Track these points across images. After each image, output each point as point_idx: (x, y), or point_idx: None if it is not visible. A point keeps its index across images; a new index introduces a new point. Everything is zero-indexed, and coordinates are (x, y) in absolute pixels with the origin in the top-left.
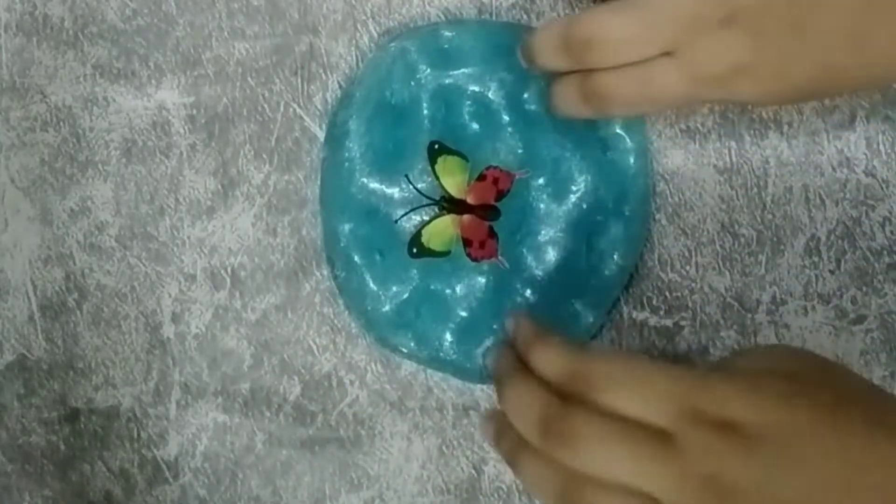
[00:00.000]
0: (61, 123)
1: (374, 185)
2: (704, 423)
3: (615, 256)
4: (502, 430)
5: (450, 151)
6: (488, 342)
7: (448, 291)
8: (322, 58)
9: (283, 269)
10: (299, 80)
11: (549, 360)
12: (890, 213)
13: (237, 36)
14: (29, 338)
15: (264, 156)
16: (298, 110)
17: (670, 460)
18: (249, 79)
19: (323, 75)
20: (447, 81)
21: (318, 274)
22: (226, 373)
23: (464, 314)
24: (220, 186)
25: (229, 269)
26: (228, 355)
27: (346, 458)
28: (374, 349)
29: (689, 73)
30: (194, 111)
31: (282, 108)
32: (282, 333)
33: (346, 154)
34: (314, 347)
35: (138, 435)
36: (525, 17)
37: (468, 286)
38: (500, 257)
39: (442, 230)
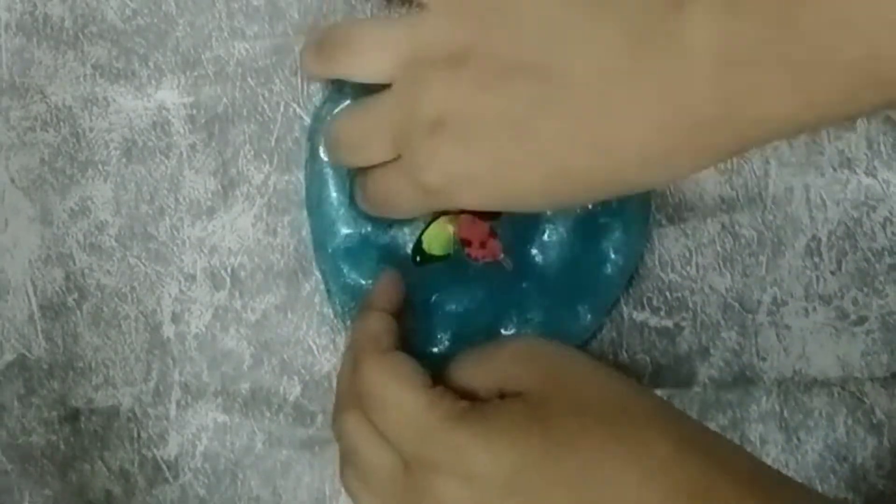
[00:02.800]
0: (61, 123)
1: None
2: (439, 473)
3: (615, 257)
4: None
5: None
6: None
7: (446, 297)
8: None
9: (283, 270)
10: (299, 80)
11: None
12: (891, 213)
13: (237, 36)
14: (29, 338)
15: (264, 156)
16: (298, 110)
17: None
18: (249, 79)
19: None
20: None
21: (317, 274)
22: (226, 373)
23: (463, 324)
24: (220, 186)
25: (229, 269)
26: (228, 355)
27: None
28: None
29: (413, 181)
30: (194, 111)
31: (282, 108)
32: (282, 333)
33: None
34: (314, 347)
35: (138, 435)
36: None
37: (467, 290)
38: (503, 257)
39: (439, 233)
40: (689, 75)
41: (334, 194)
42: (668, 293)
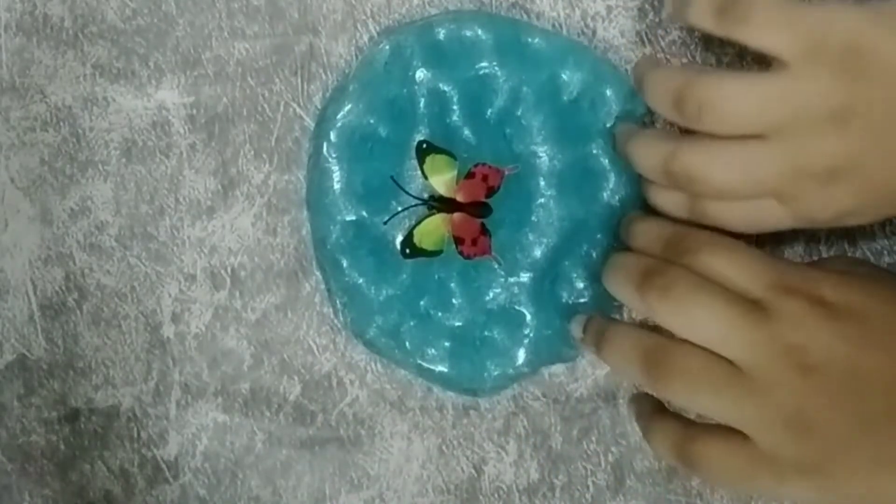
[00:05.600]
0: (61, 123)
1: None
2: (796, 295)
3: None
4: (589, 321)
5: (438, 150)
6: (480, 356)
7: (439, 298)
8: (322, 57)
9: (283, 269)
10: (299, 80)
11: (647, 229)
12: None
13: (237, 36)
14: (29, 338)
15: (264, 155)
16: (298, 110)
17: (758, 325)
18: (249, 78)
19: (323, 75)
20: (439, 79)
21: (317, 274)
22: (226, 372)
23: (457, 323)
24: (220, 186)
25: (229, 269)
26: (228, 355)
27: (346, 457)
28: None
29: (795, 215)
30: (194, 111)
31: (282, 108)
32: (282, 333)
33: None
34: (314, 347)
35: (138, 435)
36: (525, 16)
37: (461, 289)
38: (494, 254)
39: (433, 229)
40: None
41: (336, 190)
42: None
